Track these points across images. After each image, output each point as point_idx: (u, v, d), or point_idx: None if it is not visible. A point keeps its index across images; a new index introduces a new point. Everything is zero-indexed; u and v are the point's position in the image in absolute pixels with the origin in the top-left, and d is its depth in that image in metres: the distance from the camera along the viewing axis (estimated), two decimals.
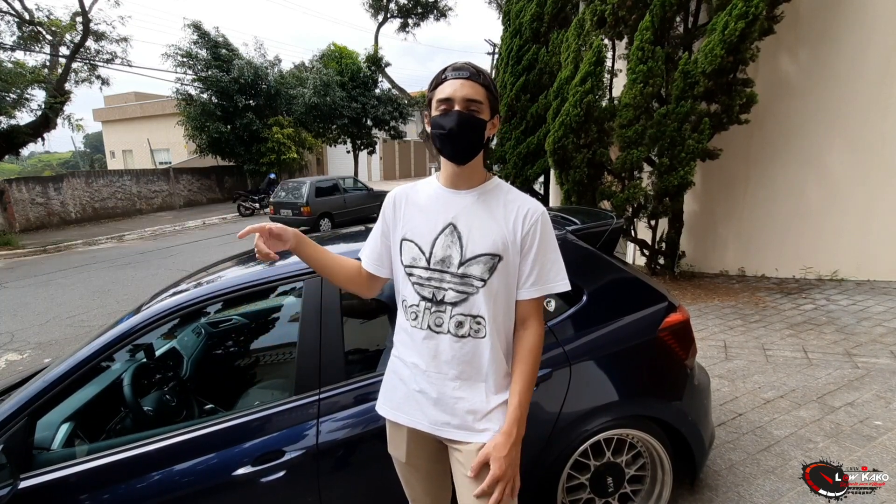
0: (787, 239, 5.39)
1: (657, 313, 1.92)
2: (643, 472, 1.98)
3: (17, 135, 12.35)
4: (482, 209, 1.21)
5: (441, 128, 1.15)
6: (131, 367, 2.01)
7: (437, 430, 1.24)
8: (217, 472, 1.54)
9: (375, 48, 20.61)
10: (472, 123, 1.15)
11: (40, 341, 5.01)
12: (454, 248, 1.19)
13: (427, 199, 1.26)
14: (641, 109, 4.78)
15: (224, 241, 10.82)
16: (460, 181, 1.23)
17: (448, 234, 1.20)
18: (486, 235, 1.19)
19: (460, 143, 1.17)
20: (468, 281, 1.19)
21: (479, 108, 1.15)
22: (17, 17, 12.01)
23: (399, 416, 1.29)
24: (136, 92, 26.92)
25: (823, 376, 3.23)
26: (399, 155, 34.82)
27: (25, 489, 1.45)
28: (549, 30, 7.79)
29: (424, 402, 1.24)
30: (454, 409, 1.22)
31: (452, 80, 1.15)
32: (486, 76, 1.17)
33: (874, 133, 4.90)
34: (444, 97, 1.15)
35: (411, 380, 1.26)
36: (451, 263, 1.19)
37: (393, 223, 1.30)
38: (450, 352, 1.20)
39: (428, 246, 1.22)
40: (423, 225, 1.23)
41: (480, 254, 1.18)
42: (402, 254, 1.25)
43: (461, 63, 1.18)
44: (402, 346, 1.29)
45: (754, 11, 4.07)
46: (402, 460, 1.33)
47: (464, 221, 1.20)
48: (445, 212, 1.22)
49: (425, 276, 1.21)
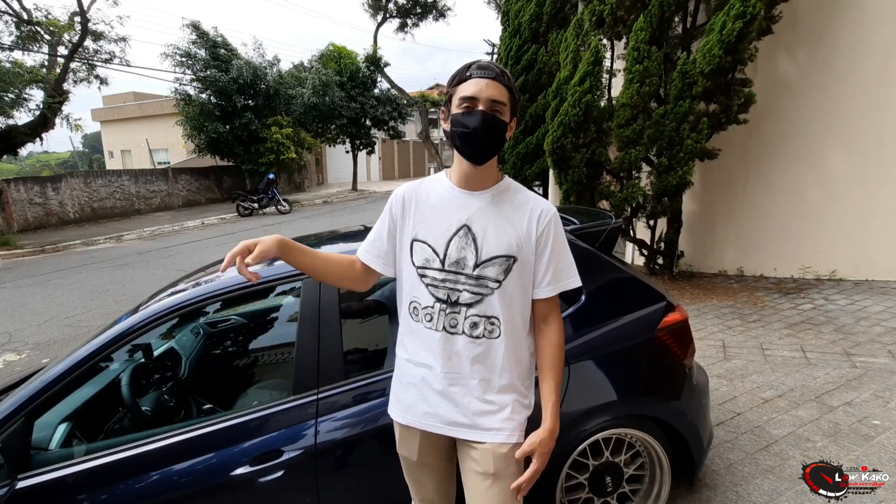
0: (786, 239, 5.39)
1: (656, 313, 1.92)
2: (642, 472, 1.98)
3: (16, 135, 12.32)
4: (496, 211, 1.21)
5: (464, 126, 1.13)
6: (129, 367, 2.01)
7: (451, 431, 1.24)
8: (215, 472, 1.54)
9: (374, 48, 20.62)
10: (496, 124, 1.14)
11: (38, 341, 5.00)
12: (469, 249, 1.19)
13: (439, 199, 1.25)
14: (639, 109, 4.79)
15: (223, 241, 10.80)
16: (475, 182, 1.22)
17: (463, 236, 1.20)
18: (500, 237, 1.19)
19: (482, 144, 1.15)
20: (483, 283, 1.19)
21: (502, 109, 1.14)
22: (15, 16, 11.98)
23: (411, 419, 1.29)
24: (134, 92, 26.88)
25: (822, 376, 3.23)
26: (398, 155, 34.82)
27: (23, 489, 1.45)
28: (548, 30, 7.80)
29: (438, 403, 1.24)
30: (468, 410, 1.22)
31: (478, 79, 1.13)
32: (509, 77, 1.17)
33: (873, 133, 4.90)
34: (468, 95, 1.13)
35: (424, 382, 1.25)
36: (465, 265, 1.19)
37: (401, 222, 1.27)
38: (465, 353, 1.21)
39: (442, 247, 1.21)
40: (437, 226, 1.22)
41: (496, 255, 1.18)
42: (414, 255, 1.23)
43: (486, 62, 1.16)
44: (412, 348, 1.28)
45: (752, 11, 4.07)
46: (413, 459, 1.33)
47: (478, 223, 1.20)
48: (459, 213, 1.21)
49: (440, 278, 1.21)
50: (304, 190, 23.79)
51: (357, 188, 23.22)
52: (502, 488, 1.22)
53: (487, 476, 1.22)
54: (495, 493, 1.22)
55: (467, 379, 1.22)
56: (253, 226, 13.13)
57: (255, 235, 1.22)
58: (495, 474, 1.21)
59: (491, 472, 1.21)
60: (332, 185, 27.24)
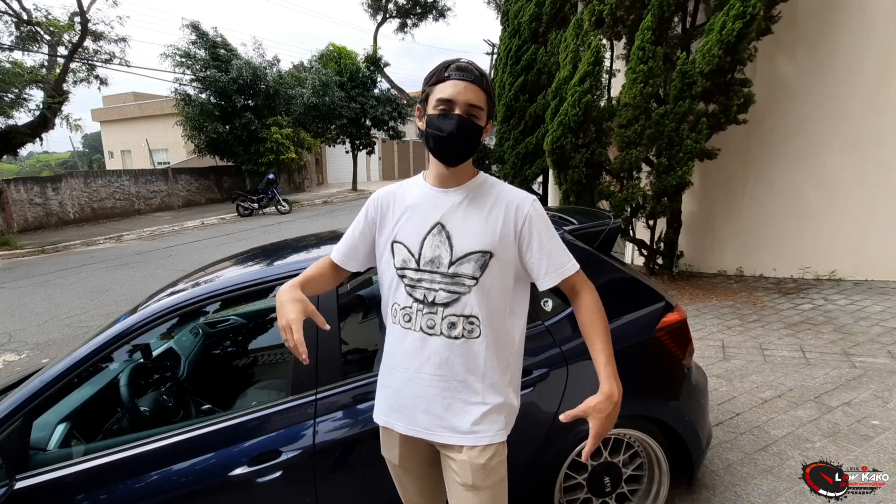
0: (786, 239, 5.39)
1: (654, 313, 1.92)
2: (640, 472, 1.98)
3: (16, 135, 12.33)
4: (471, 206, 1.19)
5: (439, 129, 1.12)
6: (128, 368, 2.01)
7: (429, 435, 1.22)
8: (214, 473, 1.54)
9: (374, 48, 20.62)
10: (471, 129, 1.13)
11: (38, 342, 5.01)
12: (443, 247, 1.18)
13: (415, 199, 1.24)
14: (640, 109, 4.79)
15: (222, 241, 10.80)
16: (449, 180, 1.22)
17: (436, 234, 1.18)
18: (475, 233, 1.17)
19: (457, 147, 1.15)
20: (459, 280, 1.17)
21: (478, 113, 1.13)
22: (15, 16, 11.98)
23: (392, 422, 1.28)
24: (134, 92, 26.89)
25: (821, 376, 3.23)
26: (398, 155, 34.81)
27: (21, 490, 1.45)
28: (548, 30, 7.79)
29: (415, 406, 1.22)
30: (446, 413, 1.20)
31: (456, 81, 1.11)
32: (487, 80, 1.15)
33: (872, 133, 4.90)
34: (444, 97, 1.11)
35: (403, 385, 1.24)
36: (440, 263, 1.17)
37: (379, 225, 1.28)
38: (443, 354, 1.18)
39: (416, 247, 1.20)
40: (412, 226, 1.21)
41: (470, 252, 1.16)
42: (395, 256, 1.23)
43: (465, 63, 1.14)
44: (393, 351, 1.27)
45: (752, 11, 4.07)
46: (395, 463, 1.33)
47: (452, 220, 1.18)
48: (433, 211, 1.20)
49: (416, 278, 1.20)
50: (304, 190, 23.80)
51: (357, 188, 23.22)
52: (482, 500, 1.20)
53: (467, 487, 1.20)
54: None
55: (447, 380, 1.19)
56: (253, 226, 13.12)
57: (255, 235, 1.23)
58: (474, 486, 1.19)
59: (470, 484, 1.19)
60: (332, 185, 27.24)
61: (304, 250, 2.08)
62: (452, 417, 1.20)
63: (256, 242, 6.82)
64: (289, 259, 1.96)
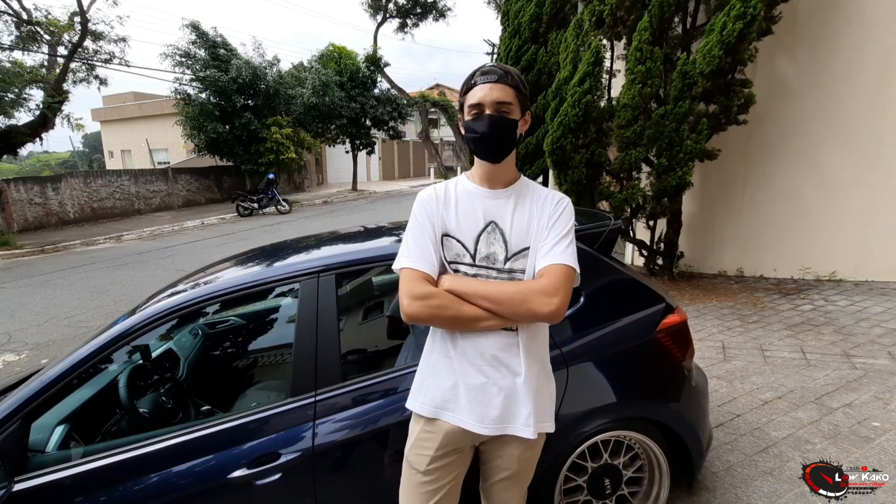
0: (786, 239, 5.39)
1: (655, 315, 1.92)
2: (640, 474, 1.98)
3: (16, 135, 12.32)
4: (519, 206, 1.28)
5: (474, 132, 1.22)
6: (127, 369, 2.00)
7: (486, 428, 1.24)
8: (213, 475, 1.54)
9: (374, 48, 20.61)
10: (504, 125, 1.21)
11: (38, 342, 5.00)
12: (498, 244, 1.26)
13: (465, 196, 1.30)
14: (640, 110, 4.78)
15: (222, 241, 10.79)
16: (496, 179, 1.29)
17: (490, 232, 1.26)
18: (526, 230, 1.26)
19: (494, 145, 1.23)
20: (514, 276, 1.25)
21: (509, 108, 1.20)
22: (15, 16, 11.98)
23: (443, 414, 1.27)
24: (134, 92, 26.87)
25: (821, 377, 3.23)
26: (398, 155, 34.80)
27: (20, 492, 1.45)
28: (548, 30, 7.80)
29: (474, 399, 1.24)
30: (506, 404, 1.24)
31: (482, 85, 1.20)
32: (514, 76, 1.22)
33: (872, 133, 4.90)
34: (474, 102, 1.20)
35: (459, 378, 1.25)
36: (496, 259, 1.25)
37: (433, 221, 1.28)
38: (500, 345, 1.24)
39: (471, 243, 1.26)
40: (465, 222, 1.27)
41: (523, 248, 1.25)
42: (445, 250, 1.27)
43: (489, 66, 1.22)
44: (442, 343, 1.28)
45: (752, 12, 4.07)
46: (419, 468, 1.29)
47: (505, 219, 1.27)
48: (485, 210, 1.27)
49: (472, 273, 1.25)
50: (304, 190, 23.79)
51: (357, 188, 23.22)
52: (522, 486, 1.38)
53: (512, 478, 1.33)
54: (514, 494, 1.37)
55: (499, 371, 1.24)
56: (253, 226, 13.11)
57: (255, 235, 1.23)
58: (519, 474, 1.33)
59: (516, 473, 1.33)
60: (332, 185, 27.24)
61: (304, 251, 2.08)
62: (511, 409, 1.24)
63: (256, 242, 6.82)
64: (289, 260, 1.95)
